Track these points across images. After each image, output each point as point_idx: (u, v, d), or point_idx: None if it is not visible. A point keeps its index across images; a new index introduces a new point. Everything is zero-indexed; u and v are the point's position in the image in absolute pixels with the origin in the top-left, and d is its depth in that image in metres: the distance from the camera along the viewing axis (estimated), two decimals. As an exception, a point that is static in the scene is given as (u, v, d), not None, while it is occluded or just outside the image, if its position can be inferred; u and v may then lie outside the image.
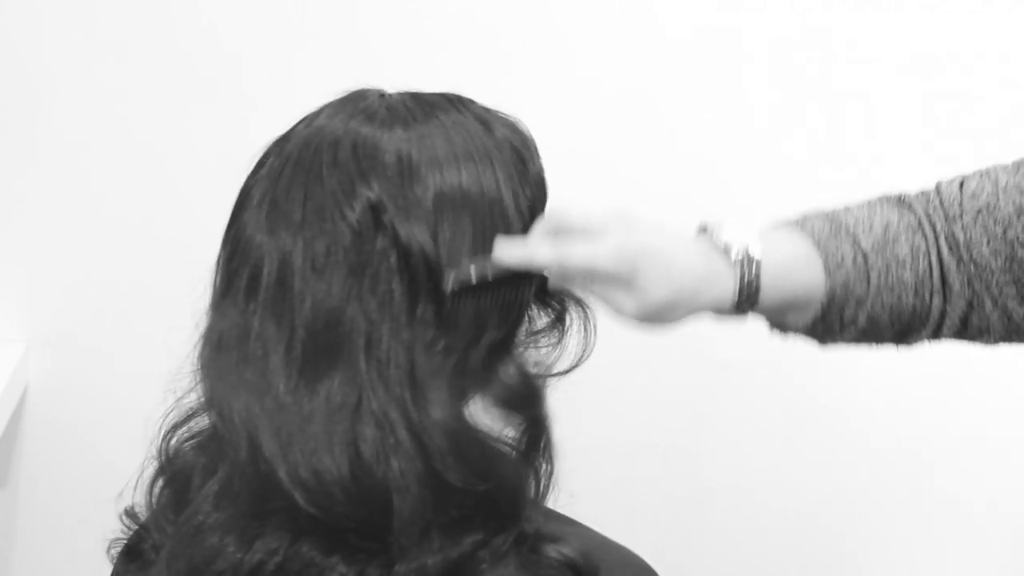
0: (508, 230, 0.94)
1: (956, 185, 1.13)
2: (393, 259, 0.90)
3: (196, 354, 0.96)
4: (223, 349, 0.93)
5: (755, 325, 1.74)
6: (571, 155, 1.06)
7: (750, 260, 1.02)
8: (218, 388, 0.93)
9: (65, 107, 1.66)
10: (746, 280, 1.02)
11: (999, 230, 1.09)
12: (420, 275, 0.91)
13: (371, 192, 0.91)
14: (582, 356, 0.99)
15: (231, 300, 0.93)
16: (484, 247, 0.93)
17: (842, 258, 1.07)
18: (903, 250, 1.10)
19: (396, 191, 0.91)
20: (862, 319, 1.09)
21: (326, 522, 0.90)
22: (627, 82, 1.68)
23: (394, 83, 1.03)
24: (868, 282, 1.08)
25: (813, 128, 1.70)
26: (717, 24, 1.67)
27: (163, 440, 0.99)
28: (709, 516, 1.80)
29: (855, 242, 1.08)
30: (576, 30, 1.67)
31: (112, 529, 1.07)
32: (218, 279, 0.96)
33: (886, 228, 1.10)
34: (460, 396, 0.93)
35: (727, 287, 1.02)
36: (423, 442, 0.90)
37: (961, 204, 1.11)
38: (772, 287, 1.04)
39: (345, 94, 0.98)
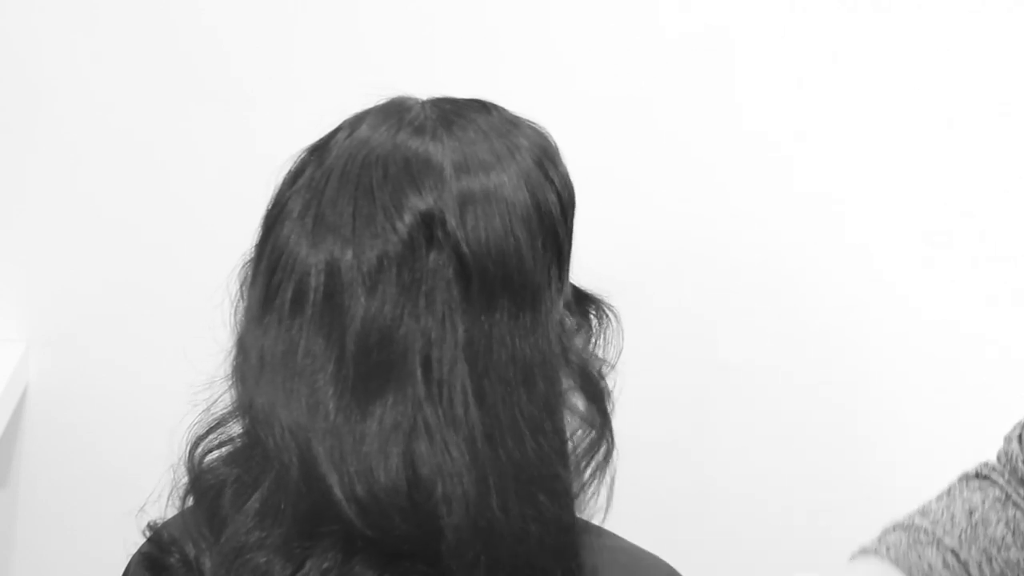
0: (554, 232, 0.95)
1: (1015, 441, 1.08)
2: (450, 273, 0.90)
3: (231, 367, 0.95)
4: (266, 365, 0.92)
5: (755, 325, 1.75)
6: (570, 157, 1.05)
7: None
8: (262, 403, 0.92)
9: (65, 107, 1.66)
10: None
11: None
12: (481, 288, 0.91)
13: (423, 203, 0.90)
14: (605, 363, 0.99)
15: (274, 315, 0.92)
16: (532, 251, 0.93)
17: (929, 567, 1.01)
18: (998, 531, 1.04)
19: (454, 204, 0.91)
20: None
21: (378, 542, 0.90)
22: (625, 84, 1.68)
23: (393, 85, 1.03)
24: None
25: (813, 130, 1.69)
26: (716, 25, 1.67)
27: (190, 451, 0.98)
28: (710, 517, 1.80)
29: (938, 544, 1.02)
30: (573, 32, 1.67)
31: (111, 528, 1.07)
32: (254, 292, 0.94)
33: (970, 514, 1.04)
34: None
35: None
36: (483, 465, 0.90)
37: None
38: None
39: (384, 103, 0.97)
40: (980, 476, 1.08)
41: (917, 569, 1.00)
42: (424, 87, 1.02)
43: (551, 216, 0.95)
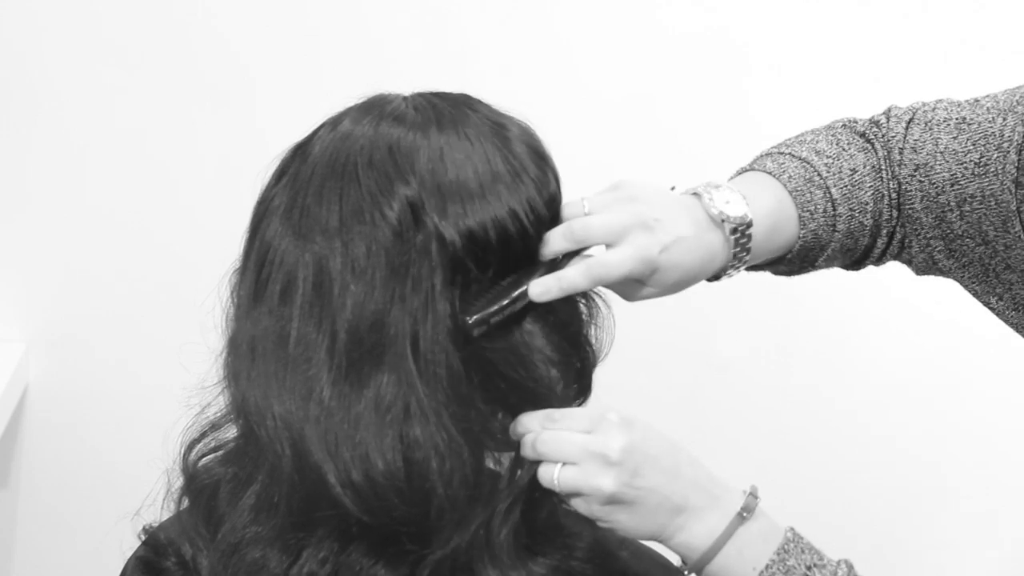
0: (538, 223, 0.95)
1: (903, 125, 1.16)
2: (436, 257, 0.90)
3: (223, 363, 0.95)
4: (257, 357, 0.92)
5: (752, 322, 1.75)
6: (570, 157, 1.06)
7: (745, 230, 1.04)
8: (254, 396, 0.92)
9: (65, 108, 1.66)
10: (740, 251, 1.05)
11: (933, 192, 1.13)
12: (464, 271, 0.91)
13: (409, 190, 0.91)
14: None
15: (264, 308, 0.92)
16: (529, 224, 0.94)
17: (814, 209, 1.10)
18: (866, 195, 1.13)
19: (436, 189, 0.91)
20: (822, 262, 1.14)
21: (374, 527, 0.90)
22: (627, 84, 1.68)
23: (398, 81, 1.03)
24: (834, 230, 1.12)
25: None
26: (718, 25, 1.67)
27: (184, 454, 0.98)
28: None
29: (827, 191, 1.11)
30: (577, 32, 1.67)
31: (111, 527, 1.07)
32: (243, 288, 0.95)
33: (853, 172, 1.13)
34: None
35: (723, 258, 1.04)
36: (475, 439, 0.90)
37: (902, 152, 1.14)
38: (759, 248, 1.07)
39: (365, 99, 0.98)
40: (865, 137, 1.17)
41: (806, 208, 1.10)
42: (428, 85, 1.02)
43: (544, 188, 0.95)
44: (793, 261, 1.13)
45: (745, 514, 0.95)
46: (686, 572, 0.96)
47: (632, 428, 0.93)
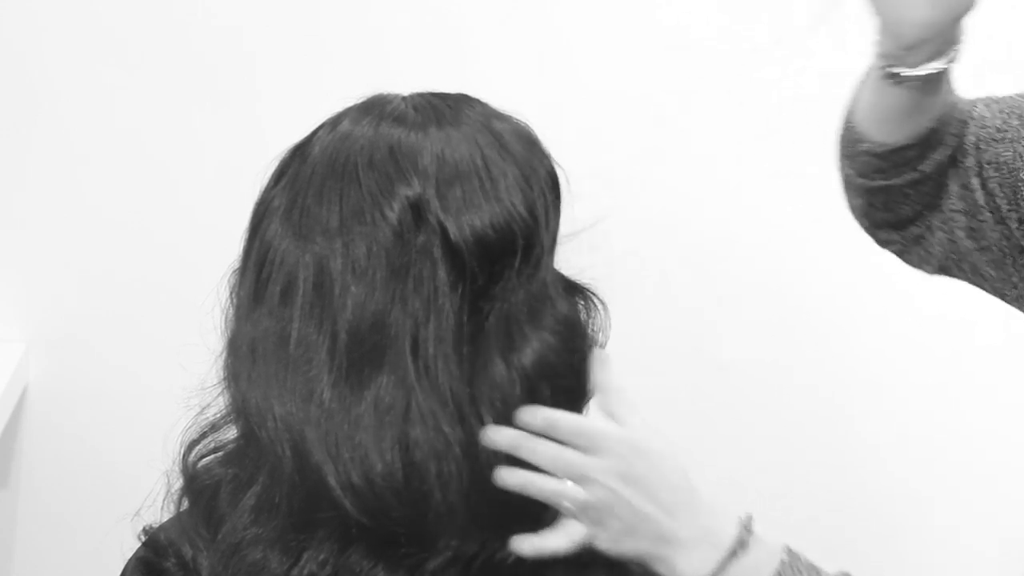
0: (547, 203, 0.96)
1: None
2: (438, 257, 0.91)
3: (223, 364, 0.95)
4: (258, 358, 0.92)
5: (753, 323, 1.75)
6: (570, 157, 1.06)
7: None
8: (255, 397, 0.92)
9: (66, 108, 1.66)
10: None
11: (959, 155, 1.14)
12: (468, 272, 0.91)
13: (410, 191, 0.91)
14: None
15: (264, 309, 0.93)
16: (529, 219, 0.94)
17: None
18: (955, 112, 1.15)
19: (440, 189, 0.92)
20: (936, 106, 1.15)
21: (374, 530, 0.90)
22: (627, 84, 1.68)
23: (395, 85, 1.03)
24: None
25: (819, 131, 1.69)
26: (719, 25, 1.67)
27: (183, 455, 0.98)
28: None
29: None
30: (577, 32, 1.67)
31: (111, 528, 1.07)
32: (243, 289, 0.95)
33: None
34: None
35: None
36: (474, 442, 0.90)
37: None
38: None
39: (364, 100, 0.98)
40: None
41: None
42: (428, 85, 1.02)
43: (543, 187, 0.96)
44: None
45: (739, 551, 0.94)
46: None
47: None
